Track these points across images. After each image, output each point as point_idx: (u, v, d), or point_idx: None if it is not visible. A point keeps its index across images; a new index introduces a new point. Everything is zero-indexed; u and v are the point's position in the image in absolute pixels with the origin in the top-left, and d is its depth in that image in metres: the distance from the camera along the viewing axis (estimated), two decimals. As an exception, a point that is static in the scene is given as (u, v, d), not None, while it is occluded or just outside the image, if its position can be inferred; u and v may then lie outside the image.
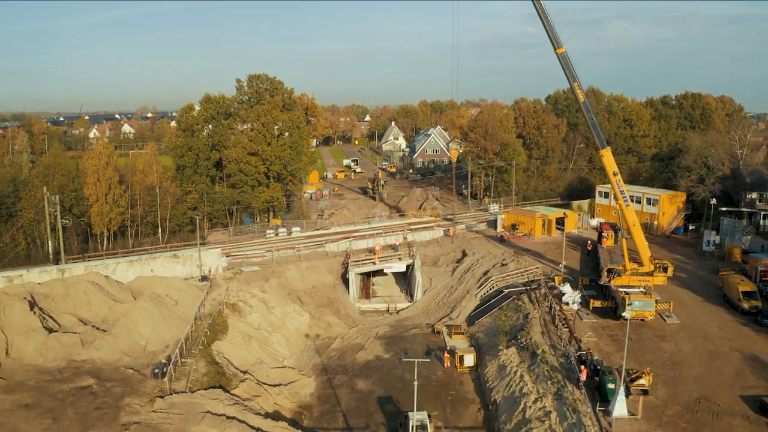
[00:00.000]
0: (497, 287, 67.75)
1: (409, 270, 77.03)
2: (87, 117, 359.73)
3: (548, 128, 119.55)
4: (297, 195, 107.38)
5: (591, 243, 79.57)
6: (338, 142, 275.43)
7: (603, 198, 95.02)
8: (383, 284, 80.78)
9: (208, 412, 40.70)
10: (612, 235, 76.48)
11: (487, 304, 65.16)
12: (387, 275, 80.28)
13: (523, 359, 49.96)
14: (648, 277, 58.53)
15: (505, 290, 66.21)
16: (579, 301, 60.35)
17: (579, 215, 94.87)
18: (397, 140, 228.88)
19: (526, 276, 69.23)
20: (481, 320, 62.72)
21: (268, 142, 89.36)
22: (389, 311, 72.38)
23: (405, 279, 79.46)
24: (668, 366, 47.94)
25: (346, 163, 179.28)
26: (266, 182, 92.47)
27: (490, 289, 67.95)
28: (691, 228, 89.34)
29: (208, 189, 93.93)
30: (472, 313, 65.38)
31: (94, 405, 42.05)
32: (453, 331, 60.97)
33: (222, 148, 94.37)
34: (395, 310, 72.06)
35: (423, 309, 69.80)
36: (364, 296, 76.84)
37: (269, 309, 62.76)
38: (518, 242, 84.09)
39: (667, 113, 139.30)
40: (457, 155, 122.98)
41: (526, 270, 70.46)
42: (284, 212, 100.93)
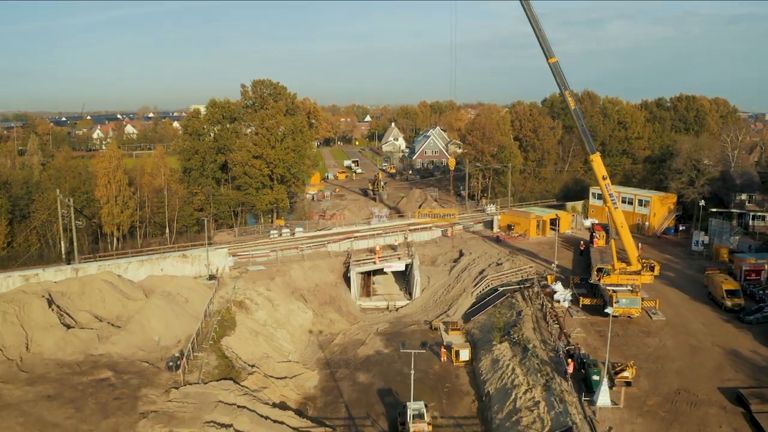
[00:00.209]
0: (492, 286, 70.09)
1: (408, 269, 79.07)
2: (89, 117, 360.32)
3: (544, 131, 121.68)
4: (299, 196, 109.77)
5: (584, 243, 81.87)
6: (339, 143, 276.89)
7: (596, 199, 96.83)
8: (383, 283, 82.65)
9: (220, 402, 43.58)
10: (603, 236, 78.63)
11: (483, 302, 67.54)
12: (387, 274, 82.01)
13: (515, 353, 52.65)
14: (636, 276, 61.11)
15: (500, 289, 68.60)
16: (570, 299, 62.93)
17: (573, 216, 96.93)
18: (397, 141, 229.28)
19: (520, 275, 71.72)
20: (477, 317, 65.18)
21: (272, 146, 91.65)
22: (389, 309, 74.47)
23: (404, 278, 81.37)
24: (652, 360, 50.36)
25: (347, 164, 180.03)
26: (270, 184, 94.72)
27: (486, 288, 70.23)
28: (682, 228, 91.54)
29: (214, 191, 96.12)
30: (468, 311, 67.74)
31: (113, 395, 44.71)
32: (450, 328, 63.12)
33: (227, 152, 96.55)
34: (395, 308, 74.19)
35: (421, 306, 72.17)
36: (365, 294, 78.81)
37: (274, 306, 65.40)
38: (513, 242, 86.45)
39: (662, 115, 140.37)
40: (455, 163, 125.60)
41: (520, 269, 73.00)
42: (287, 213, 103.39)
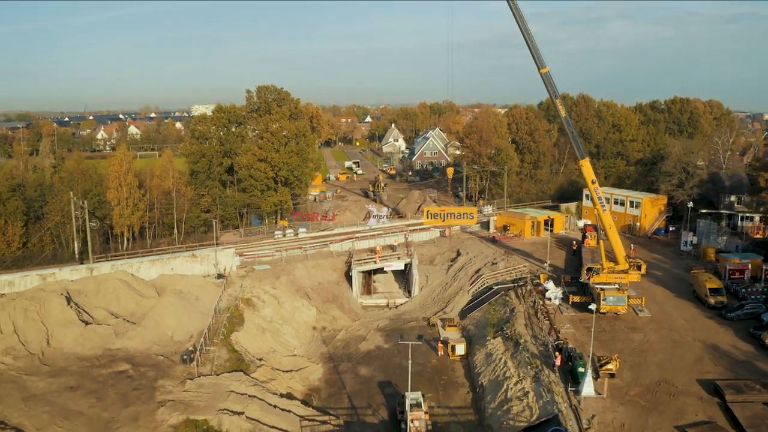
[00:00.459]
0: (488, 284, 72.90)
1: (407, 268, 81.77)
2: (92, 117, 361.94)
3: (540, 133, 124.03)
4: (302, 197, 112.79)
5: (576, 243, 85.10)
6: (340, 144, 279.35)
7: (589, 201, 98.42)
8: (383, 281, 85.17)
9: (232, 392, 46.88)
10: (595, 236, 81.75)
11: (478, 300, 70.46)
12: (387, 273, 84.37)
13: (508, 348, 55.83)
14: (623, 275, 64.32)
15: (495, 287, 71.50)
16: (560, 297, 66.14)
17: (567, 217, 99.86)
18: (397, 142, 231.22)
19: (514, 274, 74.67)
20: (472, 314, 68.14)
21: (277, 150, 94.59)
22: (389, 306, 77.20)
23: (403, 277, 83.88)
24: (635, 353, 53.45)
25: (348, 165, 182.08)
26: (275, 187, 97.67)
27: (481, 286, 73.06)
28: (672, 229, 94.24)
29: (221, 193, 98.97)
30: (465, 308, 70.63)
31: (132, 386, 48.06)
32: (446, 324, 65.87)
33: (233, 155, 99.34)
34: (394, 305, 76.91)
35: (420, 304, 75.03)
36: (366, 292, 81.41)
37: (280, 304, 68.50)
38: (509, 242, 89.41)
39: (656, 118, 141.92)
40: (453, 172, 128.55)
41: (515, 268, 75.99)
42: (291, 214, 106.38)
